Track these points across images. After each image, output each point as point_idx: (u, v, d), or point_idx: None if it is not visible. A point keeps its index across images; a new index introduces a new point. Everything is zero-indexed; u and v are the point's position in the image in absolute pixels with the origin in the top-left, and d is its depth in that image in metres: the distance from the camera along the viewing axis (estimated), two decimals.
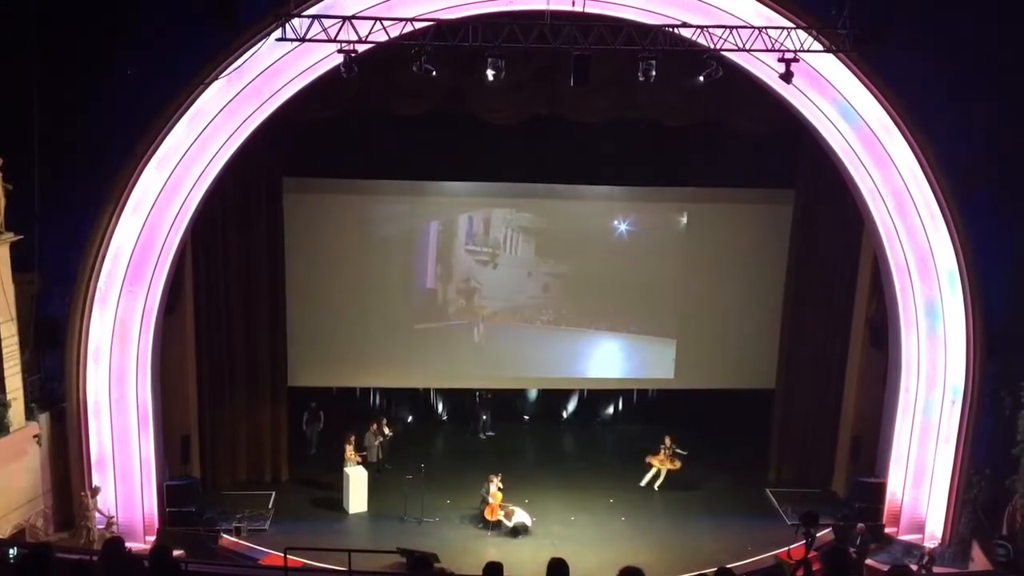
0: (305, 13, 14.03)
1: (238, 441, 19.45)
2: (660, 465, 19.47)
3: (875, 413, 18.73)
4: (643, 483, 19.46)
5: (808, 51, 14.57)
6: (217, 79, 15.12)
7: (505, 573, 8.09)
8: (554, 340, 21.15)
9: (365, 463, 19.07)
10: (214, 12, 14.51)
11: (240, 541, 17.15)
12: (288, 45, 14.34)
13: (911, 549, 17.18)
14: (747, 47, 14.31)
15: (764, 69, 15.57)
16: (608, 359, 21.37)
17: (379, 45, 14.04)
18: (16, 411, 15.20)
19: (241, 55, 14.99)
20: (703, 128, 18.17)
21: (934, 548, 16.55)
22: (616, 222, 20.58)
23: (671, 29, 14.27)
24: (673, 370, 21.34)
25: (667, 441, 19.53)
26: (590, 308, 21.02)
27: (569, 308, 20.98)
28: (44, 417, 15.80)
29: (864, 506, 17.90)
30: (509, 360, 21.25)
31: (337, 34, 13.72)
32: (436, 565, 13.68)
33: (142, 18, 14.82)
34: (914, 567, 15.47)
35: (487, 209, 20.55)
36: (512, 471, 19.03)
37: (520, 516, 17.76)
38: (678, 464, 19.46)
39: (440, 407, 22.89)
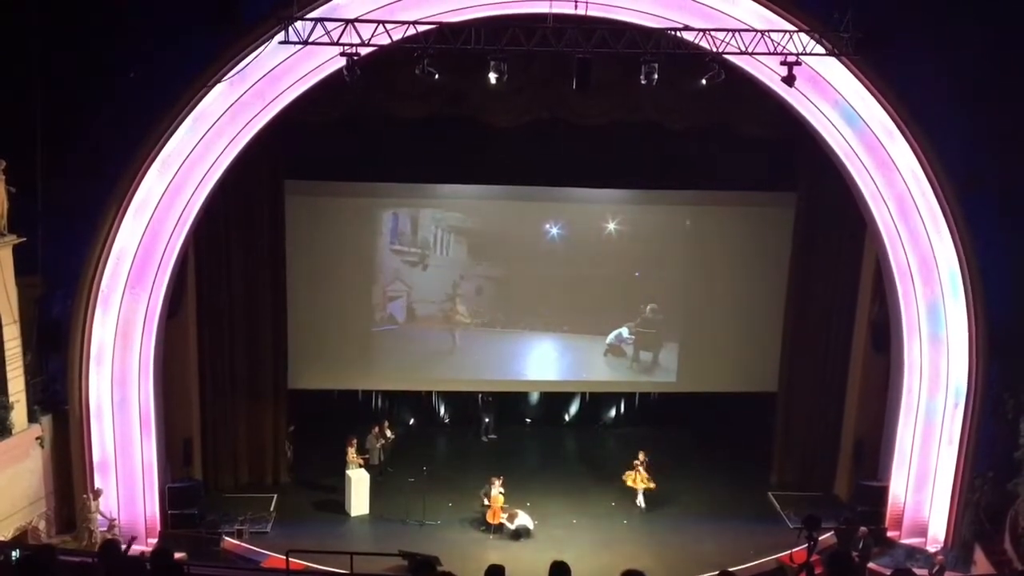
0: (308, 16, 14.04)
1: (240, 443, 19.45)
2: (634, 484, 18.78)
3: (877, 416, 18.71)
4: (641, 505, 18.82)
5: (810, 54, 14.57)
6: (220, 82, 15.13)
7: None
8: (557, 343, 21.14)
9: (367, 465, 19.07)
10: (217, 15, 14.52)
11: (242, 543, 17.13)
12: (291, 48, 14.39)
13: (914, 553, 17.16)
14: (749, 50, 14.32)
15: (766, 72, 15.58)
16: (611, 361, 21.34)
17: (382, 48, 14.06)
18: (19, 413, 15.20)
19: (244, 58, 14.99)
20: (705, 131, 18.19)
21: (943, 555, 16.40)
22: (617, 225, 20.56)
23: (673, 32, 14.27)
24: (675, 373, 21.34)
25: (641, 457, 18.91)
26: (591, 311, 21.00)
27: (569, 311, 20.97)
28: (46, 419, 15.81)
29: (866, 510, 17.88)
30: (513, 362, 21.22)
31: (340, 37, 13.73)
32: (438, 568, 13.64)
33: (144, 21, 14.83)
34: (924, 572, 15.41)
35: (487, 212, 20.53)
36: (514, 474, 19.02)
37: (522, 519, 17.76)
38: (652, 483, 18.69)
39: (442, 410, 22.87)
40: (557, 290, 20.74)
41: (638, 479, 18.81)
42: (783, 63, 14.27)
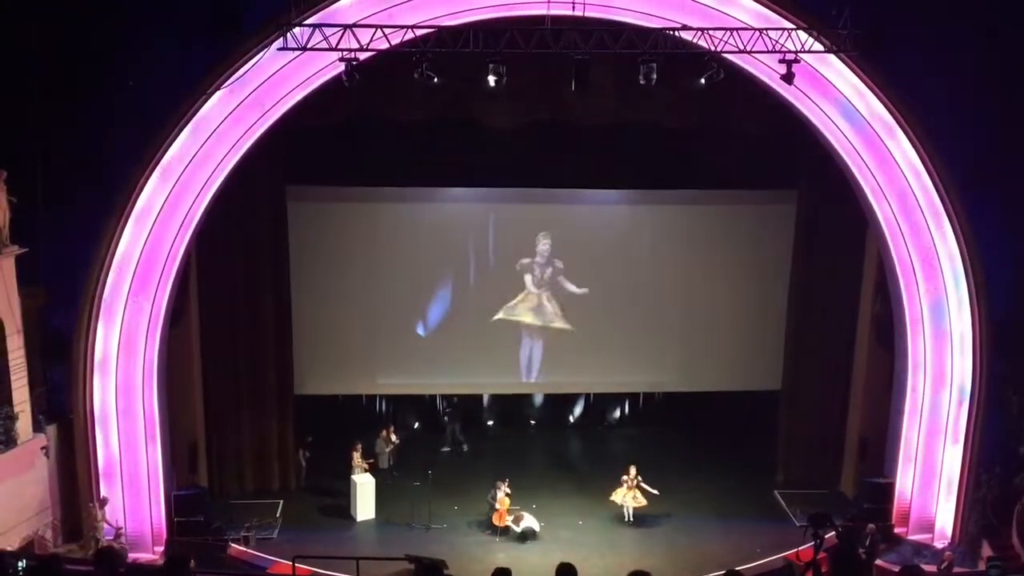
0: (306, 22, 14.07)
1: (245, 450, 19.46)
2: (623, 500, 18.13)
3: (882, 413, 18.69)
4: (630, 518, 18.24)
5: (809, 52, 14.57)
6: (220, 89, 15.16)
7: None
8: (559, 344, 21.13)
9: (374, 469, 19.05)
10: (216, 22, 14.53)
11: (248, 550, 17.16)
12: (290, 54, 14.44)
13: (921, 549, 17.14)
14: (748, 49, 14.31)
15: (765, 70, 15.57)
16: (613, 362, 21.33)
17: (380, 52, 14.07)
18: (24, 423, 15.24)
19: (243, 64, 15.03)
20: (705, 130, 18.17)
21: (951, 551, 16.36)
22: (618, 225, 20.56)
23: (671, 32, 14.27)
24: (679, 372, 21.32)
25: (631, 472, 18.22)
26: (593, 311, 20.99)
27: (571, 312, 20.95)
28: (52, 429, 15.84)
29: (873, 506, 17.87)
30: (516, 365, 21.17)
31: (338, 42, 13.75)
32: (445, 571, 13.64)
33: (144, 29, 14.87)
34: (932, 568, 15.35)
35: (487, 213, 20.52)
36: (519, 476, 19.00)
37: (528, 521, 17.74)
38: (643, 501, 18.02)
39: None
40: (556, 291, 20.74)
41: (633, 496, 18.12)
42: (782, 61, 14.26)
